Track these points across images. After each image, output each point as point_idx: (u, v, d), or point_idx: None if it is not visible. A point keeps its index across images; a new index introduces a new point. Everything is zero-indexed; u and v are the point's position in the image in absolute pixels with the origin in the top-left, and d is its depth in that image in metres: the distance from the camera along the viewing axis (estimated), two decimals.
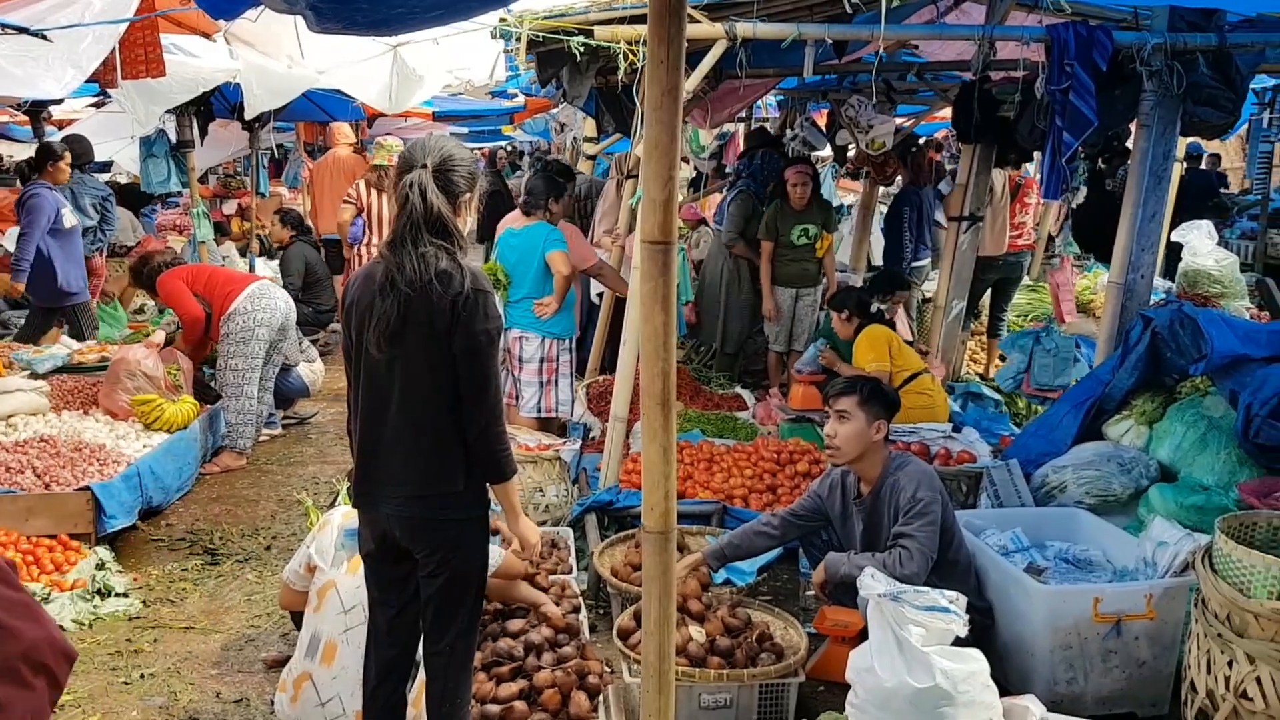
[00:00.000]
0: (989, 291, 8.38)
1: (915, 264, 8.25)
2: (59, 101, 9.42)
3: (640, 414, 5.66)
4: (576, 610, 4.14)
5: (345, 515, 3.62)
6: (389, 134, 11.35)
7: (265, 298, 6.62)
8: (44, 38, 4.24)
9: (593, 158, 9.69)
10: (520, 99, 12.99)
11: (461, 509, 2.89)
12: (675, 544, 2.64)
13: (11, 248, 7.72)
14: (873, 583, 3.28)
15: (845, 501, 4.01)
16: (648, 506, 2.58)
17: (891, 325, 6.16)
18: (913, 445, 5.21)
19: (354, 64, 7.12)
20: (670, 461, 2.57)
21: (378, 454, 2.88)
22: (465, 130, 17.02)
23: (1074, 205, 8.75)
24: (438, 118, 12.97)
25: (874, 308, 6.38)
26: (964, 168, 6.97)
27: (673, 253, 2.50)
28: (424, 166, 2.73)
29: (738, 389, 7.29)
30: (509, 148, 22.96)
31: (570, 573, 4.51)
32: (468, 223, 2.89)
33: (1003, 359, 8.22)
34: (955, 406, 6.41)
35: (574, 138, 9.92)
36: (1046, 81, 4.95)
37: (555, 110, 11.75)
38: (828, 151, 9.57)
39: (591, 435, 6.40)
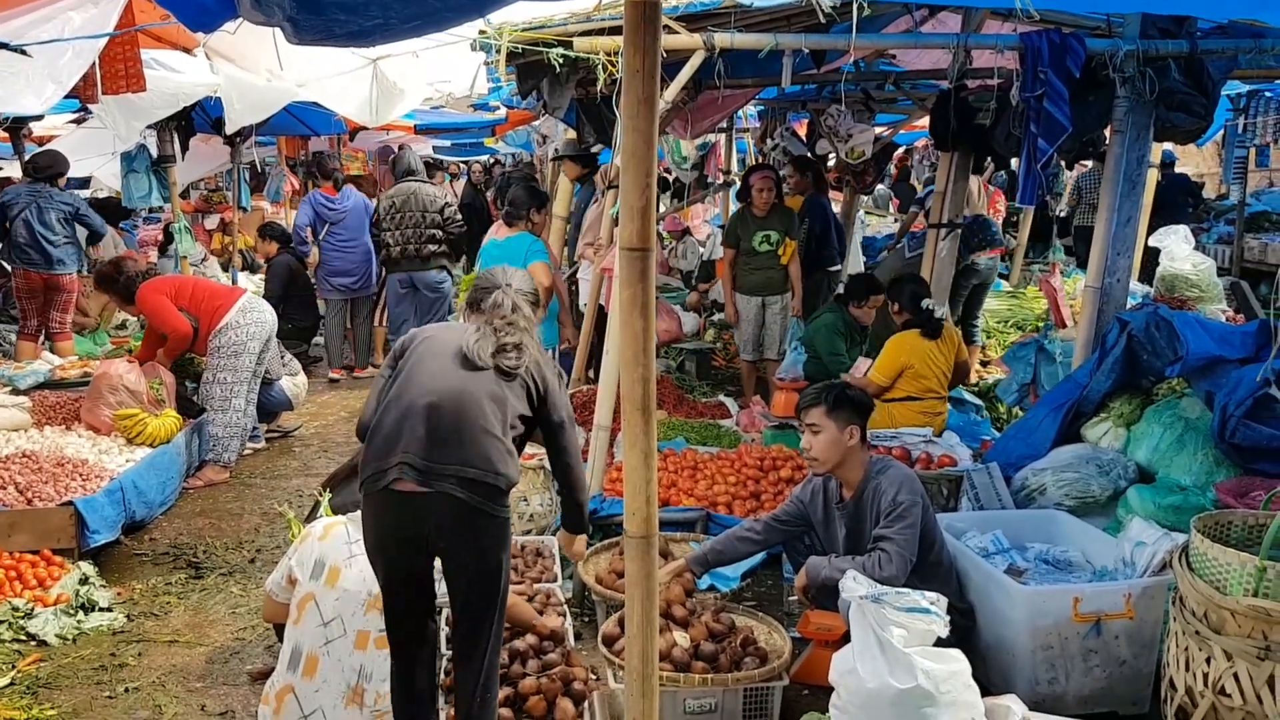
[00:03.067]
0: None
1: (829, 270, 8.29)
2: (39, 117, 9.38)
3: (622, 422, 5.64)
4: (562, 617, 4.15)
5: (326, 527, 3.61)
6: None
7: (254, 311, 6.63)
8: (23, 53, 4.25)
9: None
10: (502, 111, 13.01)
11: (504, 508, 3.11)
12: (657, 549, 2.66)
13: None
14: (854, 585, 3.31)
15: (828, 506, 4.04)
16: (629, 512, 2.60)
17: (935, 329, 6.03)
18: (894, 449, 5.24)
19: (333, 77, 7.12)
20: (651, 467, 2.59)
21: (441, 435, 3.03)
22: (448, 143, 17.02)
23: (1059, 212, 8.83)
24: (419, 131, 12.98)
25: (937, 312, 6.16)
26: (942, 175, 7.03)
27: (651, 259, 2.53)
28: (508, 285, 3.41)
29: (721, 397, 7.32)
30: (490, 161, 22.97)
31: (555, 581, 4.52)
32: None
33: (984, 364, 8.27)
34: None
35: (556, 149, 9.93)
36: (1021, 89, 5.01)
37: (537, 122, 11.77)
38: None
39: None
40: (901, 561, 3.62)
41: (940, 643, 3.11)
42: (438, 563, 3.17)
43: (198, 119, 9.21)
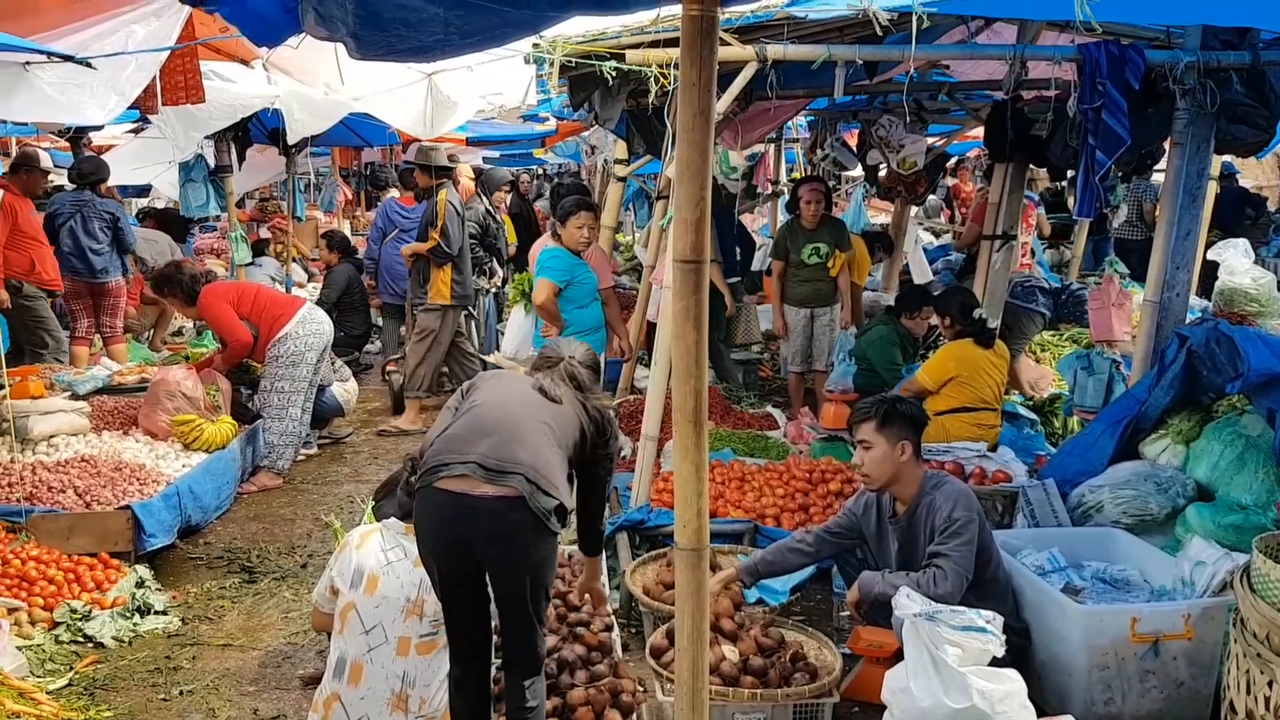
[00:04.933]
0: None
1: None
2: (99, 127, 9.62)
3: (671, 433, 5.67)
4: (609, 629, 4.14)
5: (362, 536, 3.64)
6: None
7: (313, 322, 6.72)
8: (89, 65, 4.35)
9: (623, 179, 9.74)
10: (552, 123, 13.11)
11: (557, 522, 3.13)
12: (708, 561, 2.66)
13: None
14: (908, 602, 3.28)
15: (880, 520, 4.00)
16: (680, 524, 2.60)
17: (989, 339, 5.98)
18: (947, 464, 5.18)
19: (390, 90, 7.22)
20: (703, 479, 2.58)
21: (509, 439, 3.12)
22: (497, 154, 17.16)
23: (1115, 225, 8.69)
24: (471, 142, 13.10)
25: (989, 323, 6.10)
26: (996, 187, 6.96)
27: (704, 272, 2.53)
28: (571, 358, 3.57)
29: (769, 408, 7.28)
30: (539, 171, 23.12)
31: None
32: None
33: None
34: None
35: (604, 160, 9.99)
36: (1079, 100, 4.94)
37: (586, 133, 11.85)
38: (858, 171, 9.58)
39: (623, 454, 6.42)
40: (957, 579, 3.57)
41: (995, 662, 3.07)
42: None
43: (254, 130, 9.39)
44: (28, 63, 4.44)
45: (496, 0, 2.11)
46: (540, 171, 23.30)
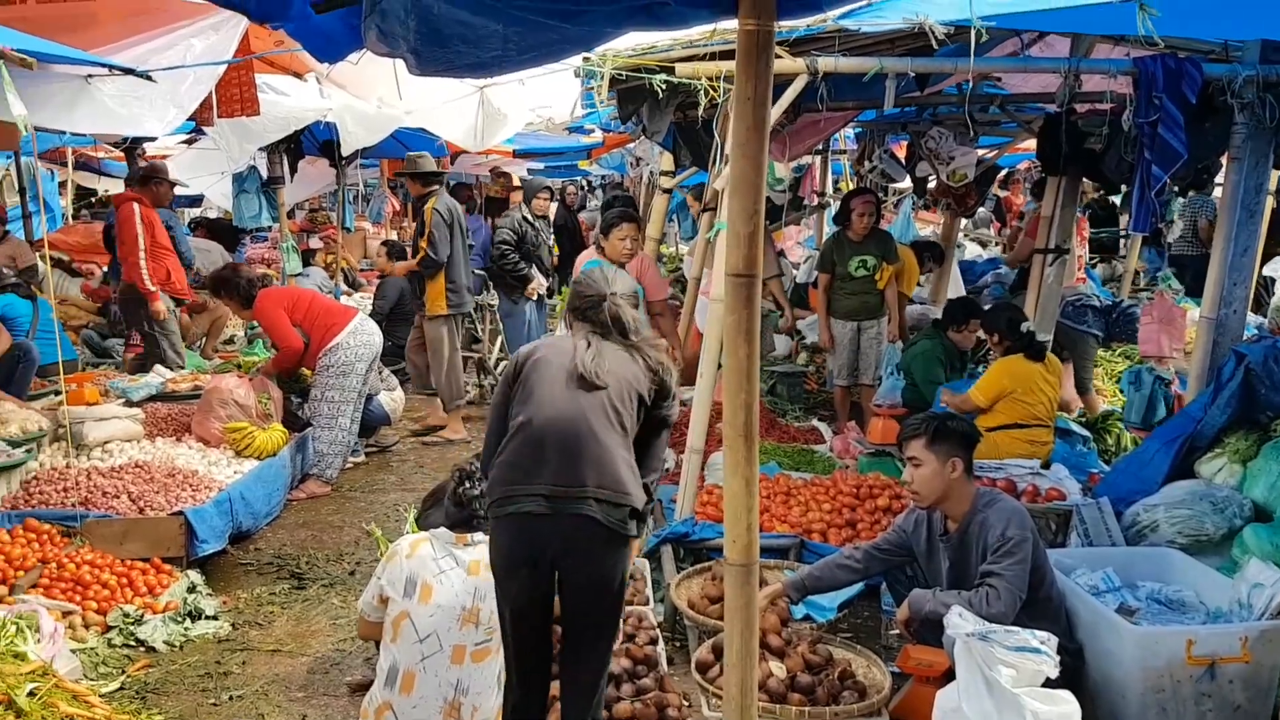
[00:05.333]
0: None
1: None
2: (154, 139, 9.79)
3: (715, 446, 5.65)
4: (654, 642, 4.13)
5: (412, 545, 3.66)
6: None
7: (364, 333, 6.79)
8: (149, 78, 4.44)
9: (668, 191, 9.76)
10: (598, 135, 13.18)
11: (630, 526, 3.13)
12: (758, 577, 2.64)
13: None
14: (961, 621, 3.24)
15: (931, 538, 3.95)
16: (730, 539, 2.59)
17: (1039, 352, 5.94)
18: (999, 481, 5.11)
19: (442, 104, 7.30)
20: (753, 494, 2.57)
21: (573, 458, 3.08)
22: (541, 165, 17.29)
23: (1169, 240, 8.57)
24: (518, 155, 13.20)
25: (1040, 338, 6.06)
26: (1049, 200, 6.88)
27: (757, 285, 2.52)
28: (612, 294, 3.36)
29: (814, 422, 7.24)
30: (583, 183, 23.23)
31: (647, 604, 4.50)
32: None
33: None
34: None
35: (650, 171, 10.02)
36: (1134, 114, 4.88)
37: (632, 145, 11.89)
38: (906, 183, 9.51)
39: (667, 466, 6.40)
40: (1010, 599, 3.52)
41: (1049, 683, 3.02)
42: None
43: (305, 142, 9.53)
44: (89, 75, 4.53)
45: (555, 17, 2.13)
46: (584, 183, 23.41)
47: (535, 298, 9.23)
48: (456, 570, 3.47)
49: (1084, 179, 7.09)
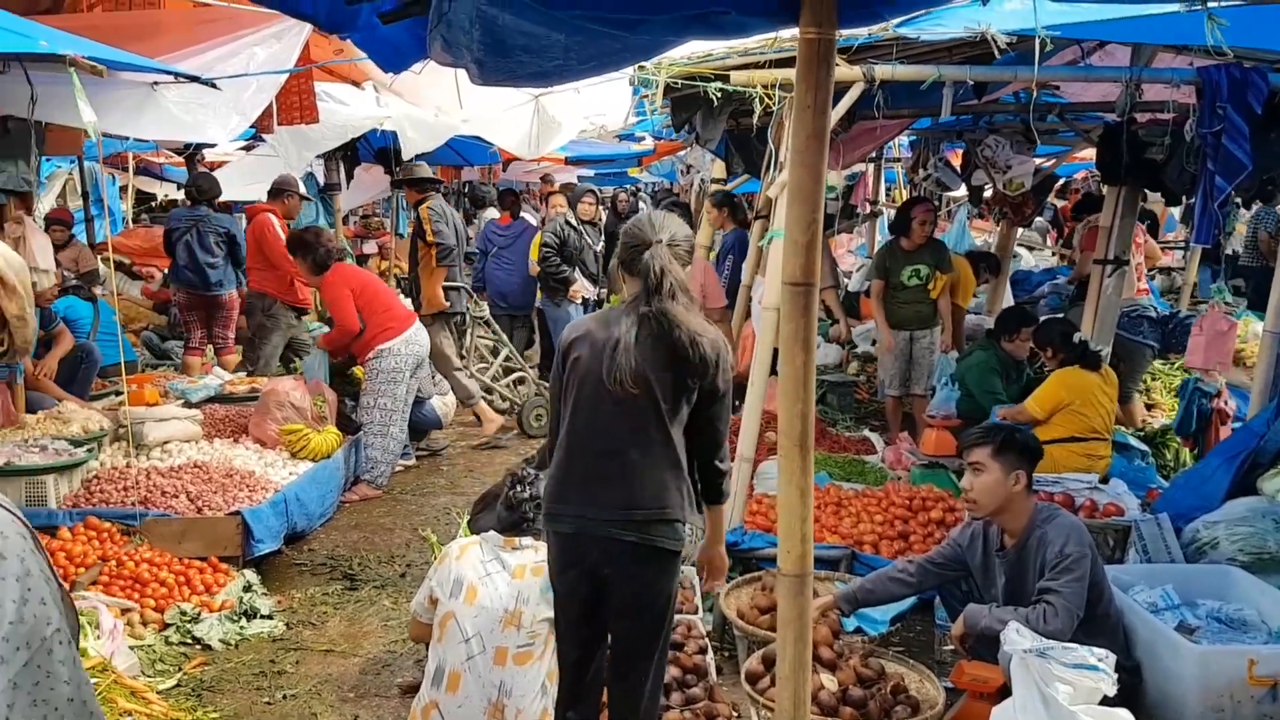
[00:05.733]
0: None
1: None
2: (213, 145, 9.98)
3: (765, 455, 5.61)
4: (703, 651, 4.12)
5: (462, 548, 3.69)
6: None
7: (415, 342, 6.86)
8: (213, 86, 4.52)
9: None
10: (648, 142, 13.21)
11: (676, 540, 3.08)
12: (811, 588, 2.62)
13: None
14: (1018, 638, 3.20)
15: (987, 553, 3.89)
16: (784, 549, 2.57)
17: (1096, 364, 5.87)
18: (1056, 495, 5.03)
19: (499, 113, 7.37)
20: (807, 504, 2.56)
21: (599, 476, 3.04)
22: (592, 173, 17.38)
23: (1230, 251, 8.40)
24: (570, 162, 13.28)
25: (1100, 350, 5.98)
26: (1108, 210, 6.77)
27: (814, 294, 2.51)
28: (659, 242, 3.04)
29: (865, 432, 7.18)
30: (633, 189, 23.30)
31: (696, 613, 4.49)
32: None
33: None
34: None
35: (701, 179, 10.04)
36: (1198, 124, 4.79)
37: (683, 153, 11.90)
38: (961, 192, 9.42)
39: None
40: (1068, 616, 3.46)
41: (1106, 701, 2.96)
42: None
43: (361, 149, 9.67)
44: (155, 83, 4.63)
45: (617, 26, 2.14)
46: (634, 190, 23.48)
47: (579, 300, 9.29)
48: (502, 573, 3.50)
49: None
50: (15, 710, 1.39)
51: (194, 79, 4.49)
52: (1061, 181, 13.61)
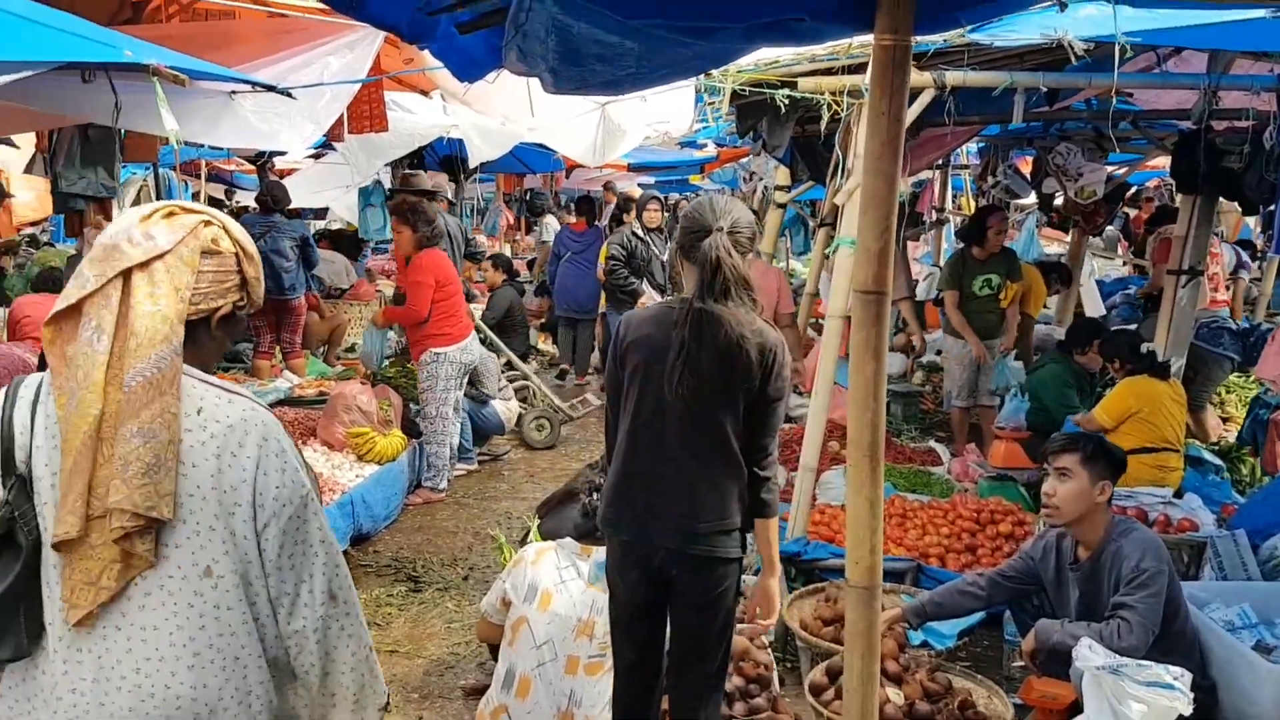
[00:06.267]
0: None
1: None
2: (283, 152, 10.18)
3: (828, 464, 5.55)
4: (766, 664, 4.09)
5: (538, 552, 3.71)
6: None
7: (469, 351, 6.95)
8: (289, 95, 4.61)
9: (783, 206, 9.74)
10: (711, 149, 13.19)
11: (736, 547, 3.04)
12: (880, 600, 2.60)
13: None
14: (1090, 654, 3.14)
15: (1060, 566, 3.81)
16: (853, 560, 2.55)
17: (1164, 372, 5.77)
18: (1130, 509, 4.93)
19: (565, 120, 7.42)
20: (877, 515, 2.54)
21: (658, 487, 3.01)
22: (652, 180, 17.42)
23: None
24: (632, 168, 13.33)
25: (1173, 365, 5.92)
26: (1183, 219, 6.62)
27: (886, 303, 2.49)
28: (719, 229, 2.90)
29: (931, 443, 7.09)
30: (694, 197, 23.35)
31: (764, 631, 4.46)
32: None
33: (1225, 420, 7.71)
34: None
35: (764, 186, 10.01)
36: (1277, 132, 4.68)
37: (746, 160, 11.87)
38: (1030, 199, 9.27)
39: (778, 483, 6.34)
40: (1143, 632, 3.38)
41: None
42: None
43: (427, 157, 9.79)
44: (233, 92, 4.73)
45: (691, 35, 2.15)
46: (696, 197, 23.52)
47: None
48: (577, 581, 3.50)
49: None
50: (284, 551, 1.93)
51: (270, 88, 4.58)
52: (1133, 190, 13.34)
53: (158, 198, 10.67)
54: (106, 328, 1.84)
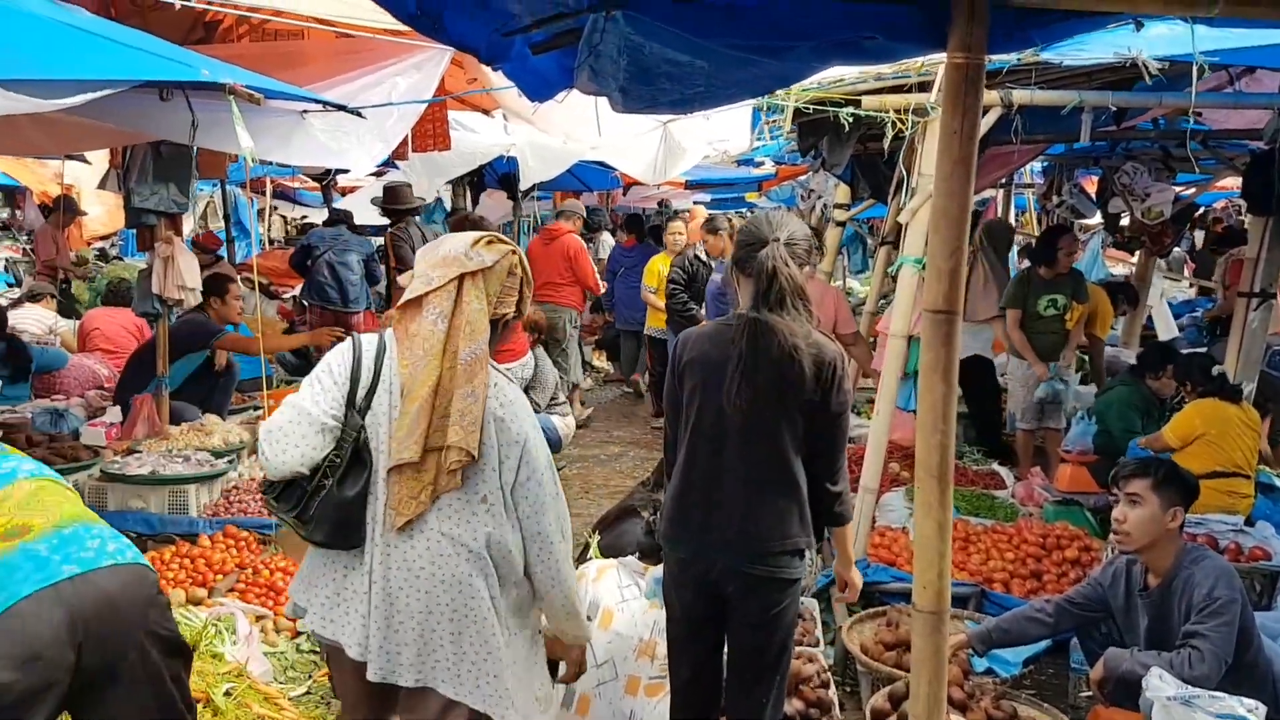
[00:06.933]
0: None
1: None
2: (346, 170, 10.36)
3: (888, 485, 5.48)
4: (826, 685, 4.04)
5: (599, 570, 3.71)
6: None
7: (526, 365, 6.99)
8: (359, 115, 4.69)
9: (842, 224, 9.69)
10: (769, 166, 13.18)
11: (797, 569, 3.03)
12: (948, 626, 2.56)
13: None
14: (1161, 684, 3.06)
15: (1130, 593, 3.72)
16: (920, 585, 2.52)
17: (1235, 394, 5.68)
18: (1199, 536, 4.81)
19: (629, 139, 7.47)
20: (946, 539, 2.51)
21: (716, 501, 2.99)
22: (708, 198, 17.44)
23: None
24: (690, 186, 13.36)
25: (1245, 389, 5.82)
26: (1255, 241, 6.48)
27: (957, 323, 2.47)
28: (776, 240, 2.91)
29: (994, 465, 6.97)
30: (749, 215, 23.34)
31: (817, 645, 4.41)
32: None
33: None
34: None
35: (823, 204, 9.97)
36: None
37: (804, 177, 11.83)
38: (1095, 219, 9.13)
39: None
40: (1215, 662, 3.29)
41: None
42: None
43: (486, 174, 9.90)
44: (304, 111, 4.82)
45: (763, 54, 2.15)
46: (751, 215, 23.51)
47: None
48: (639, 600, 3.50)
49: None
50: (523, 504, 2.62)
51: (341, 108, 4.66)
52: (1201, 210, 13.09)
53: (225, 214, 10.95)
54: (446, 315, 2.55)
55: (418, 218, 8.99)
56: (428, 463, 2.51)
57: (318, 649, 4.76)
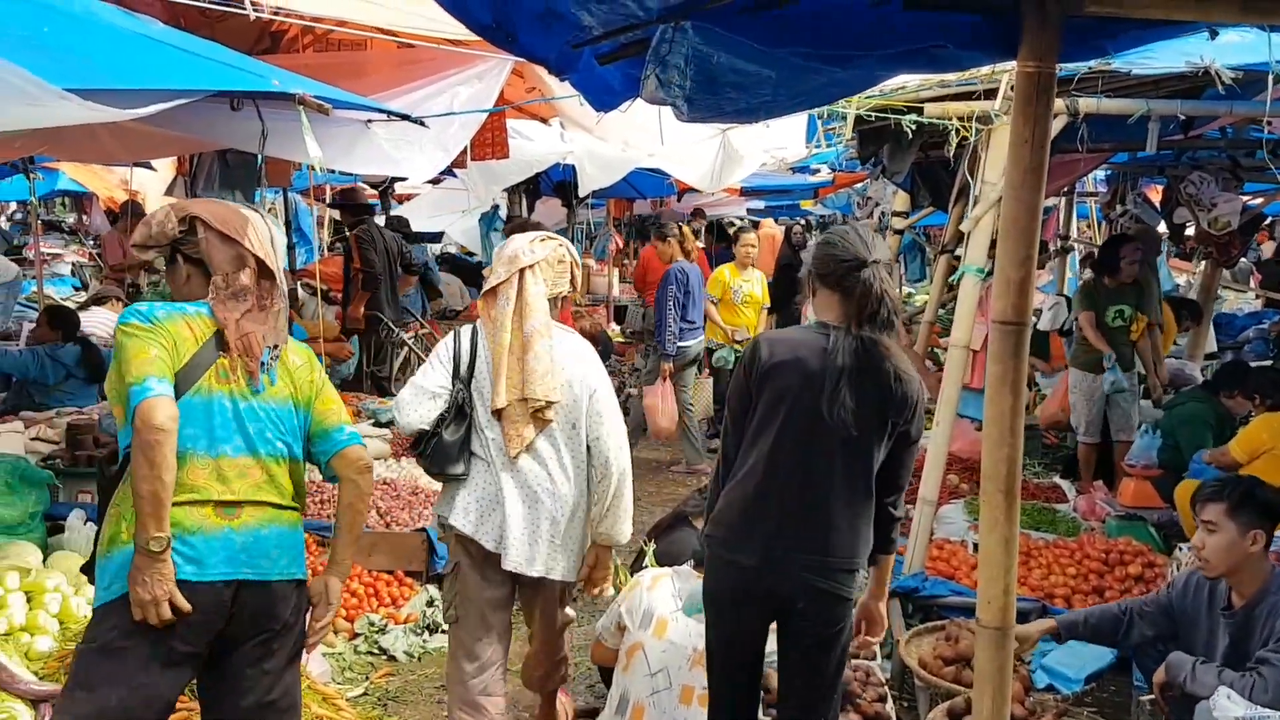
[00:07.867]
0: None
1: (682, 344, 8.09)
2: (404, 178, 10.48)
3: (946, 498, 5.39)
4: (883, 699, 4.00)
5: (654, 578, 3.70)
6: None
7: None
8: (422, 124, 4.75)
9: (900, 232, 9.62)
10: (824, 173, 13.10)
11: (856, 588, 3.02)
12: (1014, 641, 2.52)
13: None
14: (1229, 704, 2.99)
15: (1211, 609, 3.56)
16: (985, 600, 2.49)
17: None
18: (1272, 556, 4.67)
19: (689, 147, 7.48)
20: (1012, 554, 2.47)
21: (797, 515, 2.95)
22: (762, 205, 17.39)
23: None
24: (745, 193, 13.33)
25: None
26: None
27: (1025, 335, 2.44)
28: (876, 263, 2.93)
29: (1055, 479, 6.86)
30: (804, 222, 23.18)
31: (874, 659, 4.37)
32: None
33: None
34: None
35: (881, 211, 9.89)
36: None
37: (862, 185, 11.75)
38: (1160, 229, 8.96)
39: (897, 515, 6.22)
40: (1278, 692, 3.17)
41: None
42: None
43: (542, 182, 9.96)
44: (369, 120, 4.90)
45: (831, 63, 2.15)
46: (804, 222, 23.35)
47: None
48: None
49: None
50: (566, 457, 3.44)
51: (405, 117, 4.73)
52: (1269, 220, 12.78)
53: (286, 220, 11.12)
54: (512, 299, 3.38)
55: (380, 218, 9.26)
56: (521, 409, 3.33)
57: (374, 650, 4.82)
